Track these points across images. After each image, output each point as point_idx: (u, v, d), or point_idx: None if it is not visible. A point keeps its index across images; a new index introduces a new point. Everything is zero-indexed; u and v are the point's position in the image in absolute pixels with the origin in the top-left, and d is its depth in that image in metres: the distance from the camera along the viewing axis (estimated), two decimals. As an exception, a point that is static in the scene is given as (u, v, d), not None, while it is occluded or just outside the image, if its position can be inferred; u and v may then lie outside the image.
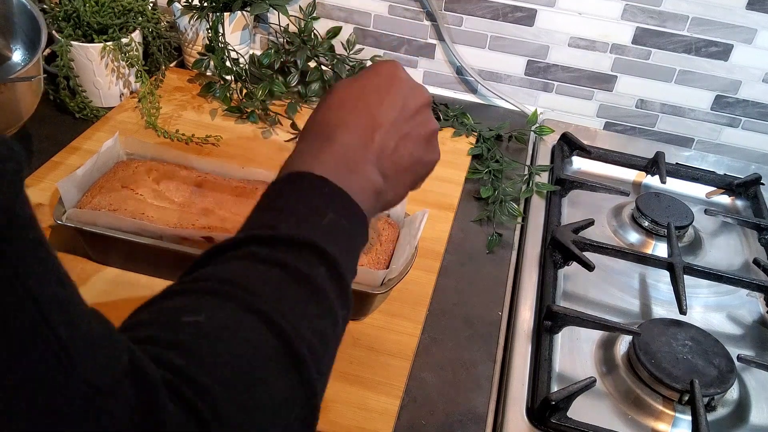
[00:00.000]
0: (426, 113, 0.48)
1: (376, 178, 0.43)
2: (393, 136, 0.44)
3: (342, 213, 0.39)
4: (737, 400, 0.63)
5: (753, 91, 0.96)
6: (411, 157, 0.46)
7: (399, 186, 0.46)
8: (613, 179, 0.94)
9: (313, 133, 0.44)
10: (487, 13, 0.98)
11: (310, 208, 0.39)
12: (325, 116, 0.44)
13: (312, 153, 0.42)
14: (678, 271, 0.72)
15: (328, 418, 0.55)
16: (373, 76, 0.46)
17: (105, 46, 0.87)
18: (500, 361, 0.65)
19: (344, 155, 0.42)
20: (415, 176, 0.48)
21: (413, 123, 0.46)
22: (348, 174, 0.41)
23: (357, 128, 0.43)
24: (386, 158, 0.44)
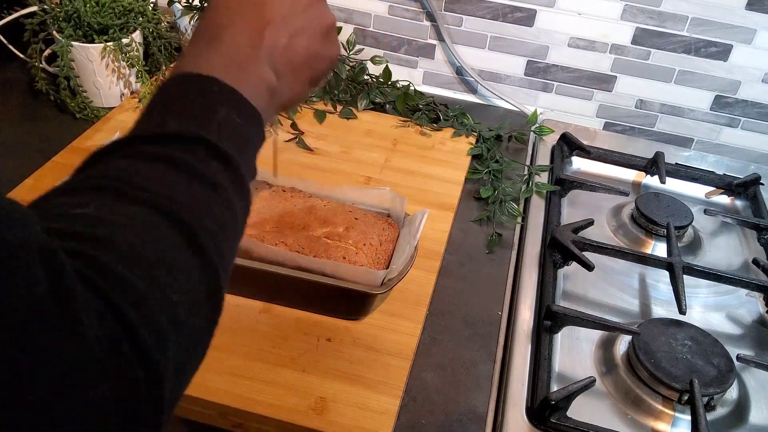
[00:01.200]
0: (321, 6, 0.46)
1: (268, 77, 0.42)
2: (284, 32, 0.43)
3: (234, 110, 0.38)
4: (736, 399, 0.63)
5: (752, 92, 0.96)
6: (307, 52, 0.45)
7: (296, 83, 0.45)
8: (612, 179, 0.94)
9: (199, 35, 0.42)
10: (486, 14, 0.98)
11: (200, 106, 0.37)
12: (212, 17, 0.43)
13: (199, 55, 0.41)
14: (677, 271, 0.72)
15: (328, 417, 0.55)
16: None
17: (105, 47, 0.87)
18: (500, 360, 0.66)
19: (232, 55, 0.41)
20: (313, 72, 0.46)
21: (307, 16, 0.45)
22: (238, 73, 0.40)
23: (245, 26, 0.42)
24: (278, 55, 0.43)
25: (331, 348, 0.61)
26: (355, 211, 0.68)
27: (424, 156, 0.89)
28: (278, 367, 0.59)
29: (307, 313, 0.64)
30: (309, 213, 0.67)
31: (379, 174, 0.85)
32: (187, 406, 0.57)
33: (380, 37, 1.05)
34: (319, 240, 0.64)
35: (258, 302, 0.65)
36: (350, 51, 1.00)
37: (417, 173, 0.86)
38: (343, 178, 0.83)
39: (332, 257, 0.62)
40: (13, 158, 0.82)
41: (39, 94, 0.91)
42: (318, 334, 0.62)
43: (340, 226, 0.66)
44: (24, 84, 0.94)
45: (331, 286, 0.60)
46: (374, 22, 1.04)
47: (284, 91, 0.44)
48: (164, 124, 0.36)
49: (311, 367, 0.59)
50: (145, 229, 0.31)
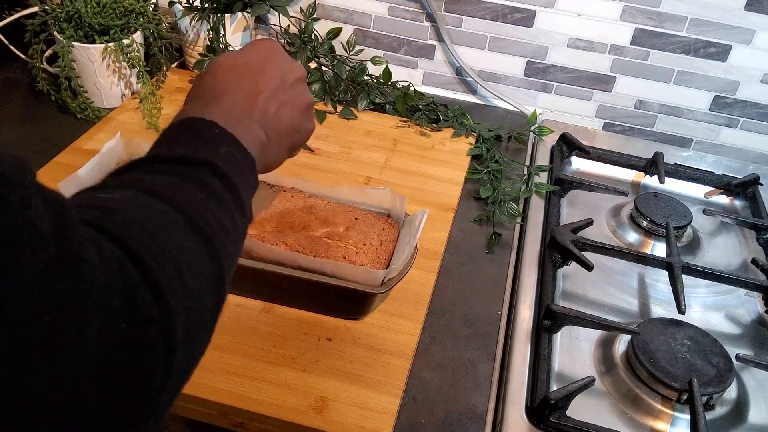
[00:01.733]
0: (302, 86, 0.53)
1: (260, 134, 0.47)
2: (274, 102, 0.49)
3: (234, 149, 0.42)
4: (736, 399, 0.64)
5: (751, 92, 0.96)
6: (290, 122, 0.51)
7: (279, 148, 0.51)
8: (611, 179, 0.94)
9: (200, 95, 0.47)
10: (486, 14, 0.99)
11: (204, 140, 0.41)
12: (212, 82, 0.48)
13: (201, 109, 0.44)
14: (677, 271, 0.72)
15: (328, 417, 0.55)
16: (254, 51, 0.51)
17: (106, 47, 0.87)
18: (500, 360, 0.66)
19: (231, 111, 0.45)
20: (292, 141, 0.52)
21: (291, 93, 0.51)
22: (236, 125, 0.43)
23: (242, 92, 0.47)
24: (268, 120, 0.48)
25: (332, 347, 0.61)
26: (355, 211, 0.69)
27: (424, 156, 0.89)
28: (279, 366, 0.59)
29: (308, 313, 0.64)
30: (309, 213, 0.67)
31: (379, 174, 0.85)
32: (187, 406, 0.57)
33: (380, 38, 1.05)
34: (320, 240, 0.64)
35: (258, 302, 0.65)
36: (350, 51, 1.01)
37: (417, 173, 0.86)
38: (343, 178, 0.83)
39: (332, 257, 0.63)
40: (14, 158, 0.82)
41: (40, 94, 0.91)
42: (318, 333, 0.62)
43: (340, 226, 0.66)
44: (25, 84, 0.94)
45: (332, 285, 0.60)
46: (374, 23, 1.04)
47: (270, 153, 0.49)
48: (173, 150, 0.40)
49: (312, 366, 0.59)
50: (159, 214, 0.34)
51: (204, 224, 0.36)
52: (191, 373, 0.34)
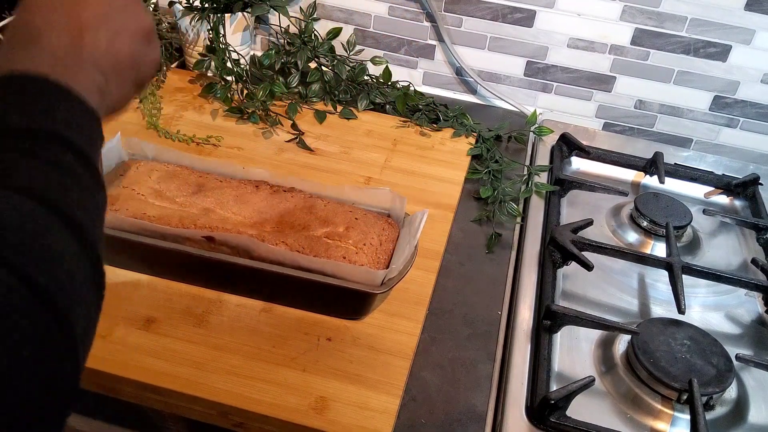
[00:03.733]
0: (136, 7, 0.46)
1: (96, 77, 0.41)
2: (104, 33, 0.42)
3: (74, 107, 0.37)
4: (736, 399, 0.64)
5: (751, 92, 0.96)
6: (130, 53, 0.44)
7: (122, 86, 0.44)
8: (611, 179, 0.94)
9: (15, 38, 0.40)
10: (486, 14, 0.99)
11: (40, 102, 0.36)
12: (26, 19, 0.40)
13: (20, 56, 0.38)
14: (676, 271, 0.72)
15: (329, 417, 0.55)
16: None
17: (106, 47, 0.87)
18: (500, 360, 0.66)
19: (56, 56, 0.39)
20: (138, 74, 0.46)
21: (124, 17, 0.44)
22: (66, 73, 0.38)
23: (63, 29, 0.40)
24: (101, 57, 0.42)
25: (332, 347, 0.61)
26: (355, 211, 0.69)
27: (424, 156, 0.89)
28: (279, 366, 0.59)
29: (308, 313, 0.64)
30: (309, 213, 0.67)
31: (379, 174, 0.85)
32: (187, 406, 0.57)
33: (380, 38, 1.05)
34: (320, 240, 0.64)
35: (258, 302, 0.65)
36: (350, 51, 1.01)
37: (417, 173, 0.86)
38: (343, 178, 0.83)
39: (332, 257, 0.63)
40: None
41: (40, 94, 0.91)
42: (318, 333, 0.62)
43: (340, 226, 0.66)
44: (25, 84, 0.94)
45: (332, 285, 0.60)
46: (374, 23, 1.04)
47: (112, 93, 0.43)
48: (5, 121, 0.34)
49: (312, 366, 0.59)
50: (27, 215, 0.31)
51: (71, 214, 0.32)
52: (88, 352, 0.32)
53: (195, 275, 0.65)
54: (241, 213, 0.67)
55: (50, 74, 0.37)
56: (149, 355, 0.58)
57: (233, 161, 0.80)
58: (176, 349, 0.59)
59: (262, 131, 0.91)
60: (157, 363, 0.58)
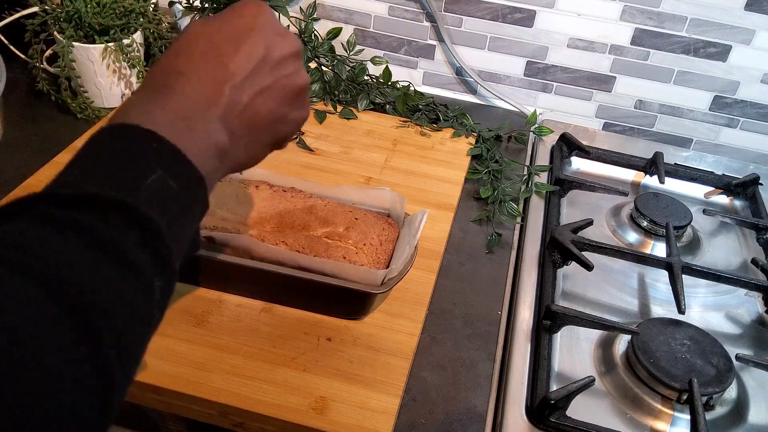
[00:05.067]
0: (293, 64, 0.42)
1: (219, 137, 0.37)
2: (248, 90, 0.39)
3: (172, 173, 0.33)
4: (736, 399, 0.64)
5: (751, 92, 0.96)
6: (271, 113, 0.40)
7: (255, 145, 0.41)
8: (611, 179, 0.94)
9: (152, 81, 0.37)
10: (486, 14, 0.99)
11: (130, 165, 0.33)
12: (171, 62, 0.38)
13: (144, 104, 0.36)
14: (676, 271, 0.72)
15: (329, 417, 0.55)
16: (233, 17, 0.40)
17: (106, 47, 0.87)
18: (500, 360, 0.66)
19: (183, 108, 0.36)
20: (275, 135, 0.42)
21: (276, 75, 0.40)
22: (184, 130, 0.35)
23: (204, 78, 0.37)
24: (236, 115, 0.38)
25: (332, 347, 0.61)
26: (355, 211, 0.69)
27: (424, 156, 0.89)
28: (279, 366, 0.59)
29: (308, 313, 0.64)
30: (309, 213, 0.67)
31: (379, 174, 0.85)
32: (187, 406, 0.57)
33: (380, 38, 1.05)
34: (320, 240, 0.64)
35: (259, 302, 0.65)
36: (350, 51, 1.01)
37: (417, 173, 0.86)
38: (343, 178, 0.83)
39: (332, 257, 0.63)
40: (14, 158, 0.82)
41: (40, 94, 0.91)
42: (318, 333, 0.62)
43: (340, 226, 0.66)
44: (25, 84, 0.94)
45: (332, 285, 0.60)
46: (374, 23, 1.04)
47: (239, 154, 0.40)
48: (83, 183, 0.32)
49: (312, 366, 0.59)
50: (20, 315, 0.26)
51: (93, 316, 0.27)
52: None
53: (195, 275, 0.65)
54: (241, 213, 0.67)
55: (164, 131, 0.34)
56: (149, 355, 0.58)
57: (233, 161, 0.80)
58: (176, 349, 0.59)
59: (262, 131, 0.91)
60: (157, 363, 0.58)
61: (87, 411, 0.27)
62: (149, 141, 0.33)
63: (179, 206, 0.34)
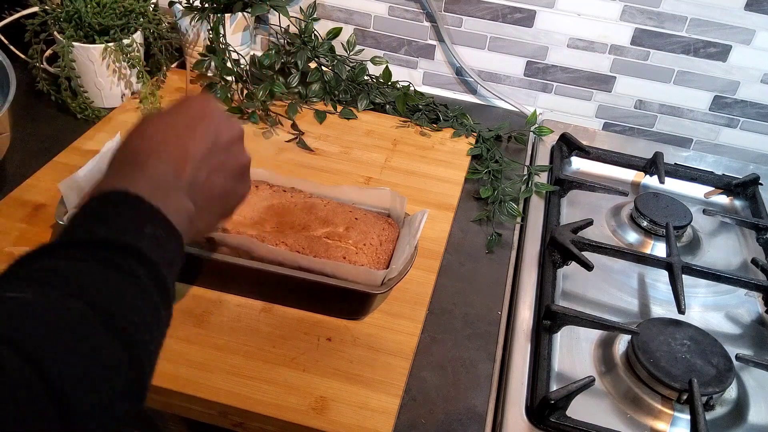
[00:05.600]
0: (236, 147, 0.49)
1: (188, 205, 0.44)
2: (204, 168, 0.45)
3: (160, 228, 0.40)
4: (736, 399, 0.64)
5: (751, 92, 0.96)
6: (222, 188, 0.48)
7: (210, 215, 0.48)
8: (611, 179, 0.94)
9: (123, 161, 0.44)
10: (486, 14, 0.99)
11: (128, 219, 0.39)
12: (136, 145, 0.44)
13: (123, 177, 0.42)
14: (676, 271, 0.72)
15: (329, 417, 0.55)
16: (185, 109, 0.47)
17: (106, 47, 0.87)
18: (500, 360, 0.66)
19: (158, 181, 0.42)
20: (225, 206, 0.50)
21: (225, 155, 0.47)
22: (163, 197, 0.41)
23: (169, 159, 0.43)
24: (197, 189, 0.45)
25: (332, 347, 0.61)
26: (355, 211, 0.69)
27: (424, 156, 0.89)
28: (279, 366, 0.59)
29: (308, 313, 0.64)
30: (309, 213, 0.67)
31: (379, 174, 0.85)
32: (187, 406, 0.57)
33: (380, 38, 1.05)
34: (320, 240, 0.64)
35: (259, 302, 0.65)
36: (350, 51, 1.01)
37: (417, 173, 0.86)
38: (343, 178, 0.83)
39: (332, 257, 0.63)
40: (14, 158, 0.82)
41: (40, 94, 0.91)
42: (318, 333, 0.62)
43: (340, 226, 0.66)
44: (25, 85, 0.94)
45: (332, 286, 0.60)
46: (374, 23, 1.04)
47: (199, 222, 0.46)
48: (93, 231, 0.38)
49: (312, 366, 0.59)
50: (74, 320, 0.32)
51: (125, 324, 0.34)
52: None
53: (195, 275, 0.65)
54: (241, 213, 0.67)
55: (146, 196, 0.40)
56: (149, 355, 0.58)
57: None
58: (176, 349, 0.59)
59: (262, 131, 0.91)
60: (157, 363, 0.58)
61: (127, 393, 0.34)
62: (138, 202, 0.40)
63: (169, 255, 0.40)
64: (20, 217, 0.71)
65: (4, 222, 0.70)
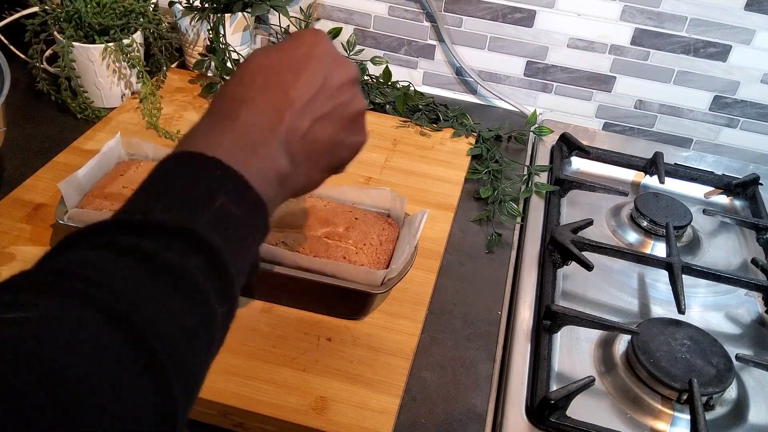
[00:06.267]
0: (351, 90, 0.43)
1: (281, 163, 0.39)
2: (307, 116, 0.40)
3: (235, 199, 0.35)
4: (736, 399, 0.64)
5: (751, 92, 0.96)
6: (329, 139, 0.42)
7: (313, 170, 0.42)
8: (611, 179, 0.94)
9: (216, 109, 0.39)
10: (486, 14, 0.99)
11: (195, 192, 0.34)
12: (233, 90, 0.40)
13: (209, 132, 0.37)
14: (676, 271, 0.72)
15: (329, 417, 0.55)
16: (293, 46, 0.42)
17: (106, 47, 0.87)
18: (500, 360, 0.66)
19: (245, 135, 0.37)
20: (334, 160, 0.44)
21: (335, 101, 0.42)
22: (247, 156, 0.36)
23: (265, 106, 0.39)
24: (296, 141, 0.39)
25: (332, 347, 0.61)
26: (355, 211, 0.69)
27: (424, 156, 0.89)
28: (279, 366, 0.59)
29: (308, 313, 0.64)
30: (309, 213, 0.67)
31: (379, 174, 0.85)
32: (187, 406, 0.57)
33: (380, 38, 1.05)
34: (320, 240, 0.64)
35: (259, 302, 0.65)
36: (350, 51, 1.01)
37: (417, 173, 0.86)
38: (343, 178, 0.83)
39: (332, 257, 0.63)
40: (14, 158, 0.82)
41: (40, 94, 0.91)
42: (318, 333, 0.62)
43: (340, 226, 0.66)
44: (25, 85, 0.94)
45: (332, 285, 0.60)
46: (374, 23, 1.04)
47: (298, 179, 0.41)
48: (150, 210, 0.33)
49: (312, 366, 0.59)
50: (87, 347, 0.27)
51: (156, 344, 0.28)
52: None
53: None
54: (241, 213, 0.67)
55: (228, 158, 0.35)
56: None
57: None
58: (176, 349, 0.59)
59: (262, 131, 0.90)
60: (157, 363, 0.58)
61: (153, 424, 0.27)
62: (214, 168, 0.35)
63: (241, 232, 0.35)
64: (20, 216, 0.71)
65: (4, 222, 0.70)
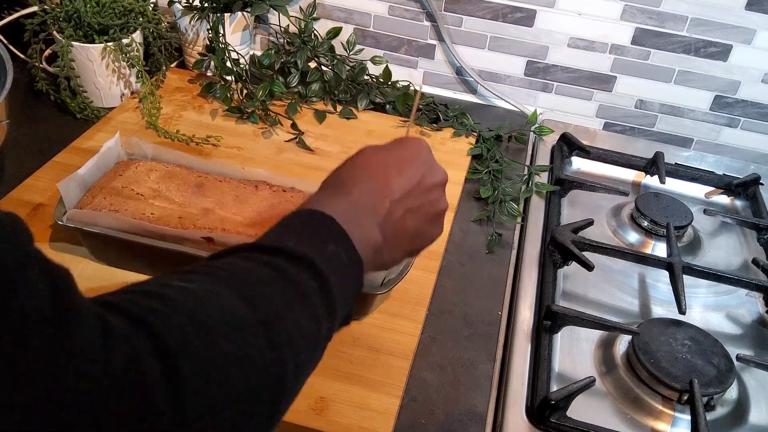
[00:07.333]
0: (439, 192, 0.51)
1: (377, 237, 0.46)
2: (402, 206, 0.48)
3: (343, 249, 0.42)
4: (736, 399, 0.63)
5: (752, 92, 0.96)
6: (415, 229, 0.49)
7: (396, 251, 0.49)
8: (612, 179, 0.94)
9: (333, 183, 0.47)
10: (486, 14, 0.98)
11: (316, 236, 0.41)
12: (348, 172, 0.48)
13: (327, 199, 0.45)
14: (677, 271, 0.72)
15: (329, 417, 0.55)
16: (401, 148, 0.50)
17: (106, 47, 0.87)
18: (500, 360, 0.66)
19: (355, 208, 0.45)
20: (414, 245, 0.51)
21: (425, 199, 0.49)
22: (354, 223, 0.43)
23: (373, 190, 0.46)
24: (391, 224, 0.47)
25: (332, 348, 0.60)
26: (355, 211, 0.68)
27: (424, 156, 0.89)
28: (278, 366, 0.59)
29: (307, 313, 0.64)
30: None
31: (379, 174, 0.85)
32: (187, 406, 0.57)
33: (380, 37, 1.05)
34: (319, 240, 0.64)
35: (258, 302, 0.65)
36: (350, 51, 1.00)
37: (417, 173, 0.86)
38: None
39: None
40: (14, 158, 0.82)
41: (39, 94, 0.91)
42: (318, 333, 0.62)
43: (340, 226, 0.66)
44: (24, 84, 0.94)
45: (331, 286, 0.60)
46: (374, 23, 1.04)
47: (384, 256, 0.48)
48: (281, 239, 0.41)
49: (311, 366, 0.59)
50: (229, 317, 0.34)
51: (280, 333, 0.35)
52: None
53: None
54: (241, 213, 0.67)
55: (339, 219, 0.43)
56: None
57: (233, 161, 0.80)
58: (176, 350, 0.59)
59: (262, 131, 0.90)
60: (156, 363, 0.57)
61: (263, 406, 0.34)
62: (330, 223, 0.42)
63: (343, 276, 0.42)
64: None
65: (3, 222, 0.70)
